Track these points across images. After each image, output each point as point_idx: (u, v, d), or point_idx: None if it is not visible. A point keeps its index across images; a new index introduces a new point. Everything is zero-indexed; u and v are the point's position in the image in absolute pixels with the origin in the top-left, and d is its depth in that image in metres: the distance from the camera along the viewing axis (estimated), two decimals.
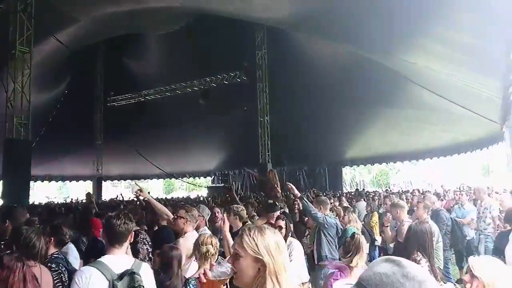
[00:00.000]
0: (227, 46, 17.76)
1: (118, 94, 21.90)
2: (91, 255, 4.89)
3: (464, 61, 9.59)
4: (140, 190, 4.66)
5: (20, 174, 11.01)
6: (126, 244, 2.45)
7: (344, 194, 13.63)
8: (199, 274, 2.71)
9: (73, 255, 4.03)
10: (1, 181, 11.44)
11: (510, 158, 11.56)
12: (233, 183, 21.98)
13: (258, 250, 1.33)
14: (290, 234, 4.09)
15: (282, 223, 4.04)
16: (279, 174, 20.66)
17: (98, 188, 22.96)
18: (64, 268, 3.15)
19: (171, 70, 20.12)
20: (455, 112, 13.44)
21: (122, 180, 29.21)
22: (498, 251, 4.14)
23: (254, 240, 1.35)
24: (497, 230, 5.37)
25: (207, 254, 2.99)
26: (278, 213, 4.49)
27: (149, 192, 5.44)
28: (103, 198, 20.26)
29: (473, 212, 6.59)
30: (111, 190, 30.69)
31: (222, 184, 22.61)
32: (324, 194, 12.22)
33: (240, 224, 4.17)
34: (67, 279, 2.93)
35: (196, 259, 3.11)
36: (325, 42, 15.35)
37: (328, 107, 17.67)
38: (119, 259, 2.32)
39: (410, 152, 19.51)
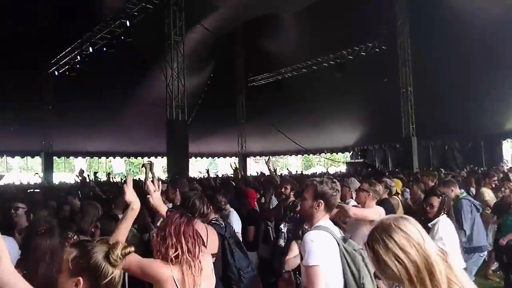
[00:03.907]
0: (362, 15, 16.93)
1: (258, 74, 23.01)
2: (248, 223, 5.31)
3: None
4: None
5: (180, 151, 12.52)
6: None
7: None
8: None
9: (235, 219, 4.45)
10: (166, 157, 13.18)
11: None
12: (374, 158, 21.21)
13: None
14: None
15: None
16: (425, 150, 19.28)
17: (243, 164, 24.71)
18: (223, 232, 3.47)
19: (306, 46, 20.14)
20: None
21: (263, 157, 30.79)
22: None
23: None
24: None
25: None
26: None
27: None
28: (248, 174, 21.65)
29: None
30: (254, 166, 32.61)
31: (362, 160, 22.03)
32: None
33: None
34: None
35: None
36: None
37: (482, 72, 15.47)
38: (331, 224, 2.48)
39: None
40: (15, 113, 15.70)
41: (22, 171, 27.56)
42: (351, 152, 24.67)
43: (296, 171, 22.42)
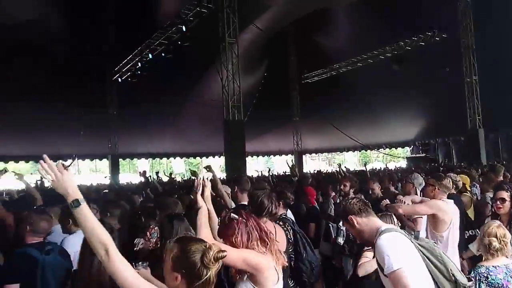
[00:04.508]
0: (419, 2, 16.21)
1: (311, 71, 22.83)
2: (309, 220, 5.33)
3: None
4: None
5: (237, 150, 12.75)
6: None
7: None
8: None
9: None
10: (224, 156, 13.50)
11: None
12: (437, 152, 20.23)
13: None
14: None
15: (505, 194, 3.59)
16: (493, 142, 18.02)
17: (299, 161, 24.64)
18: (290, 227, 3.51)
19: (361, 39, 19.64)
20: None
21: (319, 154, 30.53)
22: None
23: None
24: None
25: (490, 248, 2.67)
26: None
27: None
28: (304, 171, 21.57)
29: None
30: (310, 164, 32.41)
31: (423, 154, 21.11)
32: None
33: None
34: (291, 236, 3.27)
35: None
36: None
37: None
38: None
39: None
40: (85, 119, 16.88)
41: (92, 173, 29.44)
42: (412, 146, 23.74)
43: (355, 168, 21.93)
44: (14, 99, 15.04)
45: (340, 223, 4.57)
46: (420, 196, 4.49)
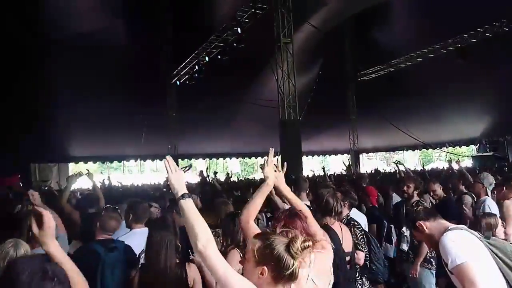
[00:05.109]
0: None
1: (368, 68, 22.26)
2: (369, 221, 5.20)
3: None
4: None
5: (294, 150, 12.75)
6: None
7: None
8: None
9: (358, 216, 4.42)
10: (279, 157, 13.52)
11: None
12: (507, 151, 18.87)
13: None
14: None
15: None
16: None
17: (355, 161, 24.10)
18: (357, 228, 3.46)
19: (420, 33, 18.79)
20: None
21: (377, 153, 29.66)
22: None
23: None
24: None
25: None
26: None
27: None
28: (361, 171, 21.07)
29: None
30: (367, 163, 31.59)
31: (491, 153, 19.80)
32: None
33: None
34: (364, 237, 3.23)
35: None
36: None
37: None
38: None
39: None
40: (147, 122, 17.74)
41: (153, 173, 30.75)
42: (478, 144, 22.34)
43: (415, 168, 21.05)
44: (85, 106, 16.14)
45: (403, 229, 4.44)
46: (492, 196, 4.25)
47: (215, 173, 11.13)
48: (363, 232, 3.17)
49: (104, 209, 3.85)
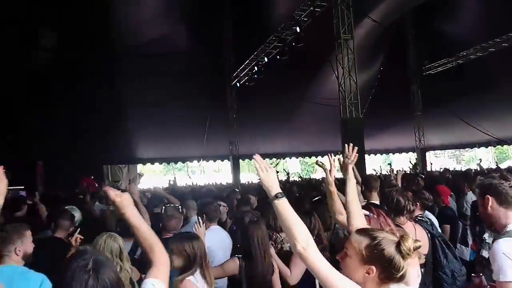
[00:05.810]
0: None
1: (434, 61, 21.18)
2: (442, 221, 4.95)
3: None
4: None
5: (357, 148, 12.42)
6: None
7: None
8: None
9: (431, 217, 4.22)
10: (340, 155, 13.26)
11: None
12: None
13: None
14: None
15: None
16: None
17: (422, 159, 23.03)
18: (427, 230, 3.31)
19: (491, 22, 17.54)
20: None
21: (445, 150, 28.11)
22: None
23: None
24: None
25: None
26: None
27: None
28: (428, 169, 20.08)
29: None
30: (434, 161, 30.01)
31: None
32: None
33: None
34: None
35: None
36: None
37: None
38: None
39: None
40: (208, 123, 18.31)
41: (214, 173, 31.57)
42: None
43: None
44: (150, 111, 17.01)
45: (485, 235, 4.15)
46: None
47: (277, 172, 11.18)
48: (428, 235, 2.99)
49: (163, 209, 4.06)
